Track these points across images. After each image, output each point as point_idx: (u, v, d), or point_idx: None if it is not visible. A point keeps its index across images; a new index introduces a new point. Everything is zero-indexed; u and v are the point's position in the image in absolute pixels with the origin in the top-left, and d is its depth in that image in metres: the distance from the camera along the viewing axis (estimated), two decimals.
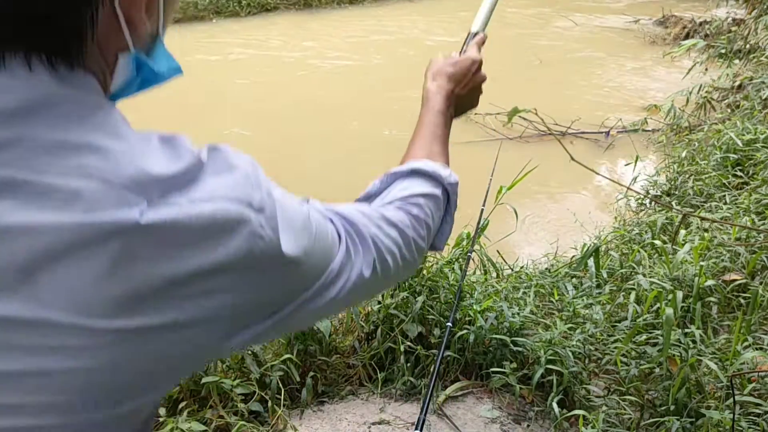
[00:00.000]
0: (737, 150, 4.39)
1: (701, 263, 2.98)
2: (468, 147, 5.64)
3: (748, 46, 6.70)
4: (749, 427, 2.20)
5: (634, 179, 4.69)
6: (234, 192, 0.51)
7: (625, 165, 5.14)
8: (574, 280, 3.28)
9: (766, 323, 2.80)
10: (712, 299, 2.91)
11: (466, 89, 1.05)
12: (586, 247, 3.47)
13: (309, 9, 11.47)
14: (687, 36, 8.99)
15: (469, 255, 2.69)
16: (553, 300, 3.03)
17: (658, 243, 3.39)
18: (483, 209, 2.78)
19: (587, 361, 2.65)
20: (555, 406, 2.34)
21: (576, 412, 2.33)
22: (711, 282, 2.90)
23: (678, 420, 2.23)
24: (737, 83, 6.23)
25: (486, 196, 2.81)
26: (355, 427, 2.34)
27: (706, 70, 6.73)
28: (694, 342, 2.55)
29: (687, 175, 4.49)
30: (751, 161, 4.29)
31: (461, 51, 1.09)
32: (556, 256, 3.75)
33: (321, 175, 5.04)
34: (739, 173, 4.28)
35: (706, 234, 3.45)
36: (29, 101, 0.47)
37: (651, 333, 2.69)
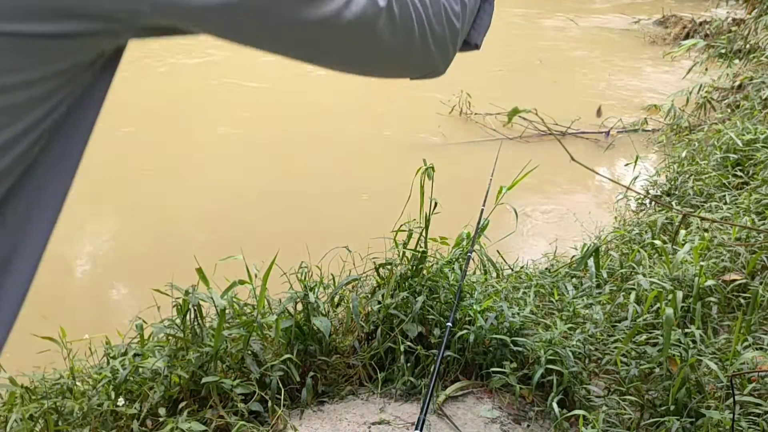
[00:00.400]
0: (737, 150, 4.39)
1: (701, 263, 2.98)
2: (468, 147, 5.64)
3: (748, 46, 6.70)
4: (749, 427, 2.19)
5: (634, 179, 4.69)
6: None
7: (625, 165, 5.14)
8: (574, 280, 3.28)
9: (766, 323, 2.80)
10: (712, 299, 2.91)
11: None
12: (586, 247, 3.47)
13: None
14: (687, 36, 8.99)
15: (469, 255, 2.70)
16: (553, 300, 3.02)
17: (658, 243, 3.39)
18: (483, 209, 2.79)
19: (587, 361, 2.65)
20: (555, 406, 2.34)
21: (576, 412, 2.33)
22: (711, 282, 2.90)
23: (678, 420, 2.23)
24: (737, 83, 6.23)
25: (486, 196, 2.81)
26: (355, 427, 2.34)
27: (706, 70, 6.73)
28: (694, 342, 2.55)
29: (687, 175, 4.49)
30: (751, 161, 4.29)
31: None
32: (556, 256, 3.75)
33: (321, 177, 5.03)
34: (739, 173, 4.28)
35: (706, 234, 3.45)
36: None
37: (651, 333, 2.69)
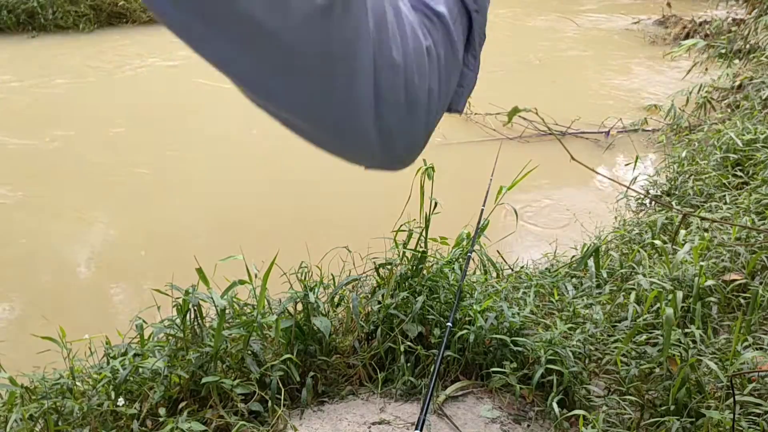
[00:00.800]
0: (737, 150, 4.39)
1: (701, 263, 2.98)
2: (468, 147, 5.64)
3: (748, 46, 6.70)
4: (749, 427, 2.19)
5: (634, 179, 4.68)
6: None
7: (625, 165, 5.14)
8: (574, 280, 3.28)
9: (766, 323, 2.80)
10: (712, 299, 2.91)
11: None
12: (586, 247, 3.47)
13: None
14: (687, 36, 8.98)
15: (469, 255, 2.70)
16: (553, 300, 3.03)
17: (658, 243, 3.39)
18: (483, 209, 2.79)
19: (587, 361, 2.65)
20: (555, 406, 2.34)
21: (576, 412, 2.33)
22: (711, 282, 2.90)
23: (678, 420, 2.23)
24: (737, 83, 6.23)
25: (486, 196, 2.82)
26: (356, 427, 2.34)
27: (706, 70, 6.73)
28: (694, 342, 2.55)
29: (687, 175, 4.49)
30: (751, 161, 4.29)
31: None
32: (556, 256, 3.75)
33: (321, 176, 5.03)
34: (739, 173, 4.28)
35: (706, 234, 3.44)
36: None
37: (651, 333, 2.69)
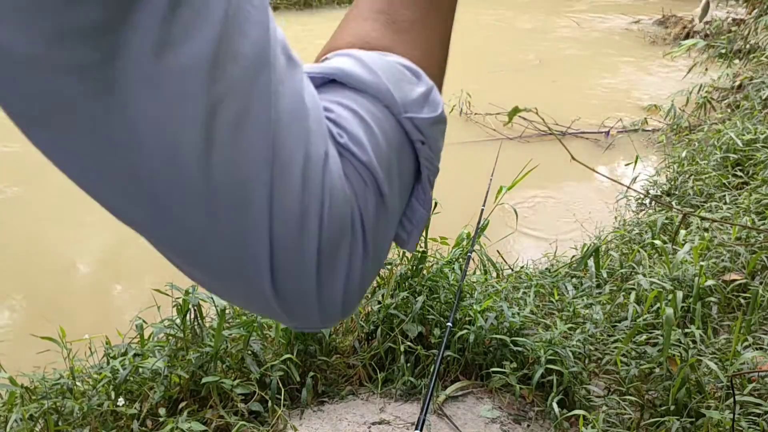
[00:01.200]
0: (737, 150, 4.40)
1: (701, 263, 2.98)
2: (468, 147, 5.64)
3: (748, 46, 6.70)
4: (749, 427, 2.20)
5: (634, 179, 4.68)
6: None
7: (625, 165, 5.14)
8: (574, 280, 3.28)
9: (766, 323, 2.80)
10: (712, 299, 2.91)
11: None
12: (586, 247, 3.47)
13: (309, 9, 11.46)
14: (687, 36, 8.98)
15: (469, 255, 2.70)
16: (553, 300, 3.03)
17: (658, 243, 3.39)
18: (483, 209, 2.79)
19: (587, 361, 2.65)
20: (555, 406, 2.34)
21: (576, 412, 2.33)
22: (711, 282, 2.90)
23: (678, 420, 2.23)
24: (737, 83, 6.23)
25: (486, 196, 2.82)
26: (355, 427, 2.34)
27: (706, 70, 6.73)
28: (694, 342, 2.55)
29: (687, 175, 4.49)
30: (751, 161, 4.30)
31: None
32: (556, 256, 3.75)
33: None
34: (739, 173, 4.28)
35: (706, 234, 3.45)
36: None
37: (651, 333, 2.69)
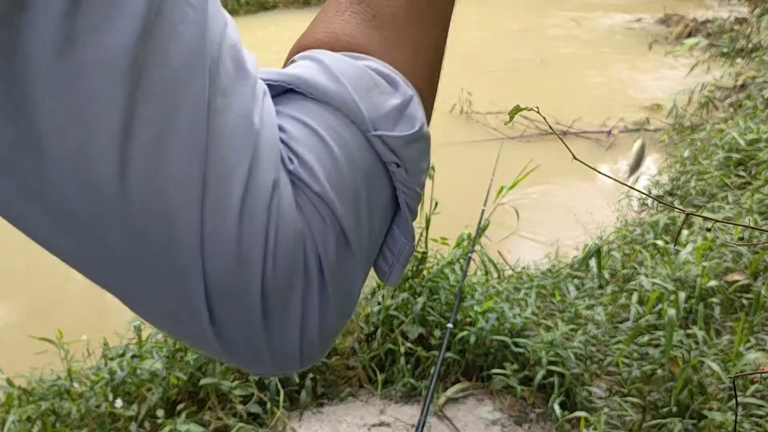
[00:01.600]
0: (740, 150, 4.37)
1: (704, 264, 2.96)
2: (468, 147, 5.63)
3: (750, 44, 6.68)
4: (751, 429, 2.18)
5: (636, 179, 4.67)
6: None
7: (627, 165, 5.12)
8: (575, 280, 3.26)
9: None
10: (714, 300, 2.89)
11: None
12: (587, 248, 3.46)
13: (308, 7, 11.46)
14: (689, 35, 8.96)
15: (470, 256, 2.68)
16: (555, 301, 3.01)
17: (660, 243, 3.38)
18: (484, 209, 2.77)
19: (589, 363, 2.63)
20: (556, 407, 2.33)
21: (577, 413, 2.31)
22: (713, 283, 2.89)
23: (680, 421, 2.21)
24: (740, 82, 6.21)
25: (487, 196, 2.80)
26: (355, 429, 2.32)
27: (708, 69, 6.71)
28: (696, 343, 2.53)
29: (689, 175, 4.47)
30: (754, 161, 4.27)
31: None
32: (557, 256, 3.74)
33: None
34: (742, 173, 4.26)
35: (708, 234, 3.42)
36: None
37: (653, 334, 2.68)
